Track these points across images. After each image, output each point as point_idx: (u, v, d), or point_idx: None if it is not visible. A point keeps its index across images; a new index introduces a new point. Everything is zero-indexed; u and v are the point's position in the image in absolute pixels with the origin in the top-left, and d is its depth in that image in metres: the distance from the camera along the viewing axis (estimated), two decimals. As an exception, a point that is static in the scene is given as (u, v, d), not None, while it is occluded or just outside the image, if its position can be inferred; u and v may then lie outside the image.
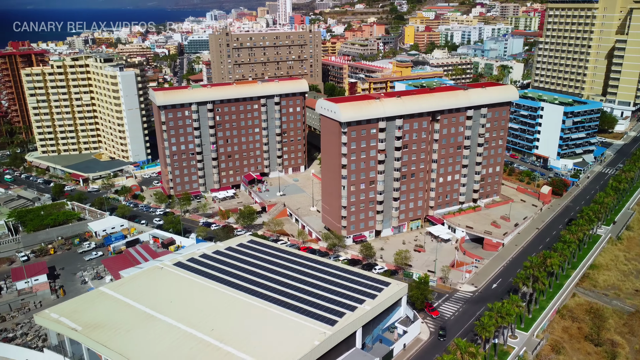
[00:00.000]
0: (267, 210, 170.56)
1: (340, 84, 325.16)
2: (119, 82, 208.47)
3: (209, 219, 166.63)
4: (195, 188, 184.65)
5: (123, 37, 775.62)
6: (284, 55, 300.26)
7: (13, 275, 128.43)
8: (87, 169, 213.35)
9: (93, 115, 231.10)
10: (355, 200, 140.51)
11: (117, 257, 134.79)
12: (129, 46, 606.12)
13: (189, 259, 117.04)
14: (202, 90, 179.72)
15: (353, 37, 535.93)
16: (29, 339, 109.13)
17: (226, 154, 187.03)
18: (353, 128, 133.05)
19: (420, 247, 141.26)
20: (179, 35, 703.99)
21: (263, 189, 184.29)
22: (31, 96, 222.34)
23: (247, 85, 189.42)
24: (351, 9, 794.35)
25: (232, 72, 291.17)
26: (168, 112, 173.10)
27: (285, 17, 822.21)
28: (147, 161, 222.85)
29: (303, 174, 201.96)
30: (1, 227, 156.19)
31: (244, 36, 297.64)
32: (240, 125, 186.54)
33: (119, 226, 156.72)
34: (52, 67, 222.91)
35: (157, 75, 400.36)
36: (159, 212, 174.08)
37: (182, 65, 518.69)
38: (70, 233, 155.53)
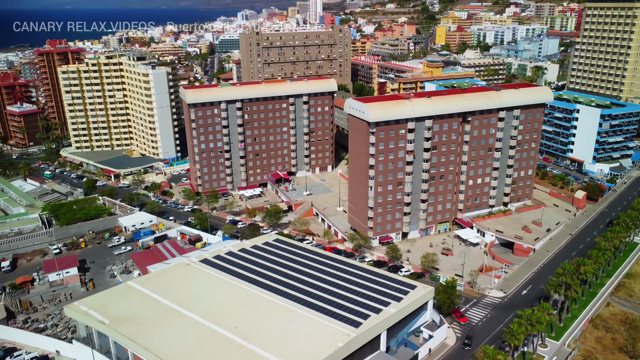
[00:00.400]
0: (294, 210, 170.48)
1: (370, 84, 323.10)
2: (151, 80, 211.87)
3: (236, 217, 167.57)
4: (222, 186, 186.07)
5: (156, 36, 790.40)
6: (313, 54, 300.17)
7: (45, 267, 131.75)
8: (118, 165, 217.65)
9: (125, 112, 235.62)
10: (382, 201, 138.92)
11: (145, 253, 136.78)
12: (161, 45, 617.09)
13: (215, 256, 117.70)
14: (231, 89, 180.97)
15: (383, 36, 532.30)
16: (59, 330, 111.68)
17: (254, 153, 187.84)
18: (381, 128, 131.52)
19: (448, 251, 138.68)
20: (211, 34, 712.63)
21: (290, 188, 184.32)
22: (67, 93, 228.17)
23: (276, 84, 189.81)
24: (382, 9, 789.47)
25: (262, 71, 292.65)
26: (198, 110, 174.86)
27: (315, 16, 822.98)
28: (177, 158, 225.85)
29: (330, 174, 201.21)
30: (35, 220, 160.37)
31: (274, 35, 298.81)
32: (269, 124, 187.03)
33: (147, 222, 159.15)
34: (87, 65, 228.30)
35: (188, 74, 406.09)
36: (187, 208, 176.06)
37: (212, 64, 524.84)
38: (101, 227, 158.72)
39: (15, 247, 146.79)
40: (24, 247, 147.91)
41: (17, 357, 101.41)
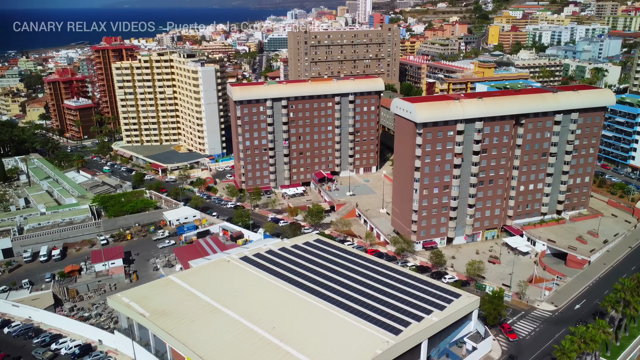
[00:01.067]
0: (336, 210, 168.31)
1: (418, 84, 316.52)
2: (200, 77, 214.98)
3: (278, 215, 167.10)
4: (266, 183, 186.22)
5: (207, 35, 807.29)
6: (361, 53, 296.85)
7: (93, 257, 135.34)
8: (166, 159, 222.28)
9: (174, 108, 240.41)
10: (428, 205, 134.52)
11: (187, 247, 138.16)
12: (212, 43, 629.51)
13: (255, 254, 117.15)
14: (277, 87, 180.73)
15: (433, 36, 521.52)
16: (102, 320, 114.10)
17: (298, 151, 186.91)
18: (429, 129, 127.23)
19: (496, 259, 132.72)
20: (260, 33, 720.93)
21: (333, 187, 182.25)
22: (119, 89, 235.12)
23: (322, 82, 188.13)
24: (433, 8, 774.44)
25: (309, 70, 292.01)
26: (244, 107, 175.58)
27: (364, 15, 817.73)
28: (222, 155, 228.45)
29: (374, 175, 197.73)
30: (86, 211, 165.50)
31: (322, 34, 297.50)
32: (314, 122, 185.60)
33: (191, 217, 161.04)
34: (139, 62, 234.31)
35: (237, 72, 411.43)
36: (230, 205, 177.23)
37: (261, 62, 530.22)
38: (146, 220, 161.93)
39: (65, 236, 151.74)
40: (74, 237, 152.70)
41: (62, 343, 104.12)
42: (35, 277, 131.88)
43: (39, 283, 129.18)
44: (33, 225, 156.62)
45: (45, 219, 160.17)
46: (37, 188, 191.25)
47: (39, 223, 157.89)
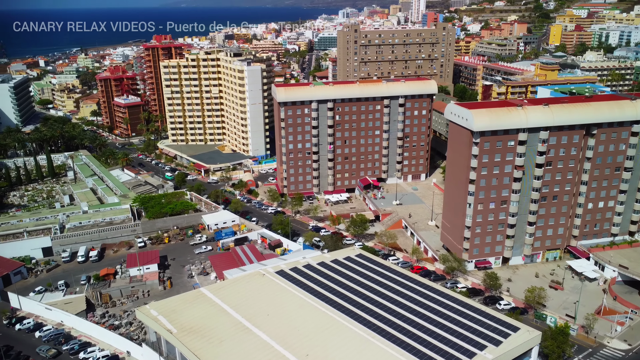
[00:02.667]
0: (381, 220, 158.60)
1: (473, 86, 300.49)
2: (245, 77, 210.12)
3: (319, 223, 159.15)
4: (308, 189, 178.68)
5: (259, 34, 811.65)
6: (413, 53, 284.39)
7: (128, 261, 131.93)
8: (209, 159, 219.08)
9: (220, 107, 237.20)
10: (482, 221, 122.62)
11: (223, 255, 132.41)
12: (262, 42, 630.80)
13: (292, 268, 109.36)
14: (323, 88, 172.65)
15: (490, 36, 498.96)
16: (132, 330, 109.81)
17: (343, 156, 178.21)
18: (487, 139, 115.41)
19: (558, 284, 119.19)
20: (310, 32, 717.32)
21: (379, 195, 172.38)
22: (166, 87, 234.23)
23: (370, 84, 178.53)
24: (490, 6, 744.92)
25: (358, 70, 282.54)
26: (288, 109, 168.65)
27: (417, 14, 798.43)
28: (266, 156, 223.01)
29: (423, 183, 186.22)
30: (126, 211, 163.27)
31: (373, 33, 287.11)
32: (360, 126, 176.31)
33: (230, 221, 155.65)
34: (187, 60, 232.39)
35: (285, 71, 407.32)
36: (270, 210, 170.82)
37: (310, 61, 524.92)
38: (185, 223, 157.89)
39: (104, 237, 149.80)
40: (112, 238, 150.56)
41: (90, 353, 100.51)
42: (72, 278, 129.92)
43: (74, 285, 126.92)
44: (74, 224, 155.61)
45: (87, 218, 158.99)
46: (82, 185, 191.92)
47: (80, 222, 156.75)
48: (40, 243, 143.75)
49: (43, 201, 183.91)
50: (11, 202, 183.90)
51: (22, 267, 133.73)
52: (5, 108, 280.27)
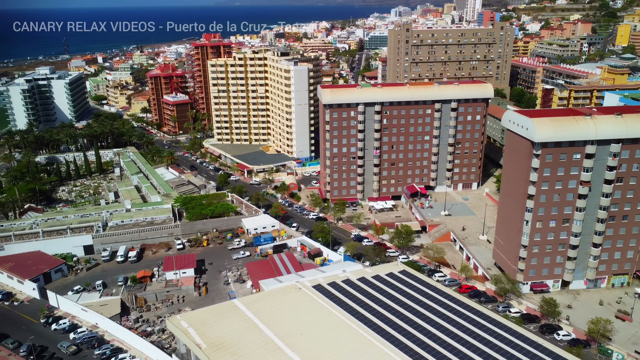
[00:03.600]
0: (427, 231, 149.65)
1: (531, 89, 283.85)
2: (292, 77, 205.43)
3: (362, 232, 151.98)
4: (352, 194, 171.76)
5: (309, 32, 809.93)
6: (467, 54, 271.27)
7: (165, 264, 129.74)
8: (253, 160, 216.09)
9: (266, 107, 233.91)
10: (541, 240, 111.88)
11: (260, 263, 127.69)
12: (312, 41, 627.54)
13: (330, 283, 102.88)
14: (371, 90, 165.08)
15: (550, 36, 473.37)
16: (164, 337, 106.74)
17: (390, 161, 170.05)
18: (549, 150, 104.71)
19: (626, 315, 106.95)
20: (361, 31, 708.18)
21: (426, 204, 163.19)
22: (213, 86, 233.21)
23: (421, 87, 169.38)
24: (550, 5, 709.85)
25: (409, 71, 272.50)
26: (333, 111, 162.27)
27: (473, 13, 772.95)
28: (310, 158, 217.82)
29: (475, 192, 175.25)
30: (168, 211, 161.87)
31: (425, 32, 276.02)
32: (409, 131, 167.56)
33: (270, 226, 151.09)
34: (234, 59, 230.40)
35: (333, 70, 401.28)
36: (312, 215, 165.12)
37: (360, 61, 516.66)
38: (224, 226, 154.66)
39: (144, 237, 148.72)
40: (152, 238, 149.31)
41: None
42: (110, 278, 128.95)
43: (111, 286, 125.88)
44: (116, 223, 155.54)
45: (129, 217, 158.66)
46: (127, 183, 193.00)
47: (122, 220, 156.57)
48: (82, 241, 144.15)
49: (89, 197, 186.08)
50: (59, 197, 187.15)
51: (62, 265, 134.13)
52: (61, 103, 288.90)
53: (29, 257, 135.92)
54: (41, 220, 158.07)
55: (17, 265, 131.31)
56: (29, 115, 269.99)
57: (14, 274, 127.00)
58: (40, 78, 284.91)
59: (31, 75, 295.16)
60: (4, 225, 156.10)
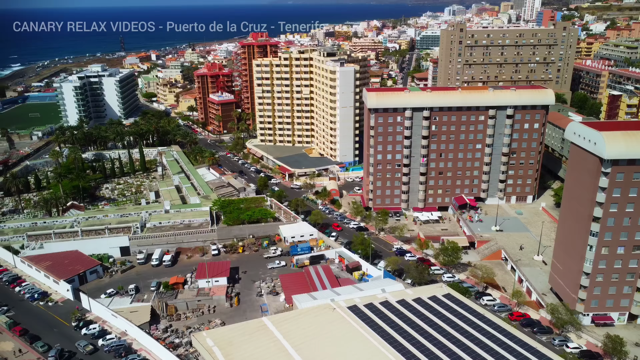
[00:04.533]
0: (476, 247, 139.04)
1: (595, 95, 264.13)
2: (337, 78, 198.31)
3: (404, 245, 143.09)
4: (396, 204, 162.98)
5: (360, 31, 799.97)
6: (525, 56, 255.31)
7: (198, 271, 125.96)
8: (295, 163, 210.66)
9: (310, 109, 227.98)
10: (606, 268, 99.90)
11: (295, 275, 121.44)
12: (362, 40, 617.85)
13: (367, 304, 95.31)
14: (419, 95, 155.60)
15: (617, 37, 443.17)
16: (192, 351, 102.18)
17: (437, 170, 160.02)
18: (621, 169, 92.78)
19: None
20: (413, 30, 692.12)
21: (475, 218, 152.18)
22: (258, 86, 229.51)
23: (474, 91, 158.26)
24: (617, 4, 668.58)
25: (461, 73, 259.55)
26: (379, 115, 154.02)
27: (531, 12, 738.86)
28: (354, 163, 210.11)
29: (530, 206, 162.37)
30: (205, 213, 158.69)
31: (480, 32, 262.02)
32: (460, 138, 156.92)
33: (308, 235, 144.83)
34: (279, 59, 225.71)
35: (382, 71, 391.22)
36: (352, 224, 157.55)
37: (410, 61, 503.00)
38: (261, 233, 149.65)
39: (180, 240, 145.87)
40: (188, 242, 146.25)
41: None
42: (143, 283, 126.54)
43: (143, 291, 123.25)
44: (154, 224, 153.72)
45: (167, 218, 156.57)
46: (169, 182, 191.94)
47: (160, 222, 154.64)
48: (119, 242, 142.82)
49: (131, 196, 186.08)
50: (102, 195, 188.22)
51: (98, 266, 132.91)
52: (111, 101, 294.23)
53: (67, 257, 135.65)
54: (82, 219, 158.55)
55: (54, 265, 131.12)
56: (80, 111, 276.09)
57: (51, 274, 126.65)
58: (92, 75, 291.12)
59: (84, 72, 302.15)
60: (47, 222, 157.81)
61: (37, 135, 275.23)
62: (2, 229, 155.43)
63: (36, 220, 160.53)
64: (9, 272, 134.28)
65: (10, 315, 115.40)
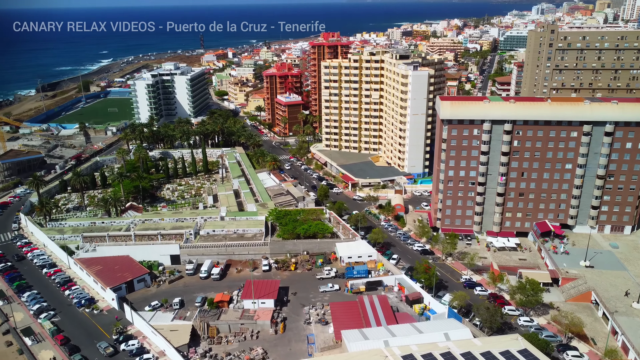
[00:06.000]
0: (560, 285, 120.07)
1: None
2: (409, 83, 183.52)
3: (475, 275, 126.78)
4: (467, 225, 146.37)
5: (439, 30, 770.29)
6: (627, 61, 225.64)
7: (244, 290, 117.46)
8: (359, 172, 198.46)
9: (378, 114, 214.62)
10: None
11: (347, 305, 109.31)
12: (441, 40, 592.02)
13: (426, 355, 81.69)
14: (501, 106, 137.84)
15: None
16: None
17: (517, 191, 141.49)
18: None
19: None
20: (496, 29, 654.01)
21: (560, 249, 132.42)
22: (325, 89, 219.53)
23: (567, 104, 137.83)
24: None
25: (550, 79, 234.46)
26: (453, 127, 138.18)
27: (632, 11, 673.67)
28: (423, 174, 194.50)
29: (628, 239, 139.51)
30: (260, 223, 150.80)
31: (575, 34, 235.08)
32: (546, 156, 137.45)
33: (366, 256, 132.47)
34: (349, 61, 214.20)
35: (460, 74, 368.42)
36: (416, 247, 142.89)
37: (491, 63, 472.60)
38: (316, 249, 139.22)
39: (231, 252, 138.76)
40: (239, 254, 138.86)
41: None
42: (189, 296, 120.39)
43: (187, 306, 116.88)
44: (208, 232, 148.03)
45: (221, 226, 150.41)
46: (228, 187, 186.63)
47: (214, 230, 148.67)
48: (170, 250, 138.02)
49: (190, 198, 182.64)
50: (163, 196, 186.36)
51: (146, 275, 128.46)
52: (182, 99, 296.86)
53: (117, 262, 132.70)
54: (139, 221, 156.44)
55: (104, 270, 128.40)
56: (152, 109, 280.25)
57: (99, 279, 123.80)
58: (164, 73, 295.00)
59: (157, 70, 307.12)
60: (105, 223, 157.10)
61: (112, 131, 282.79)
62: (62, 227, 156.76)
63: (95, 219, 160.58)
64: (62, 274, 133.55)
65: (56, 321, 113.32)
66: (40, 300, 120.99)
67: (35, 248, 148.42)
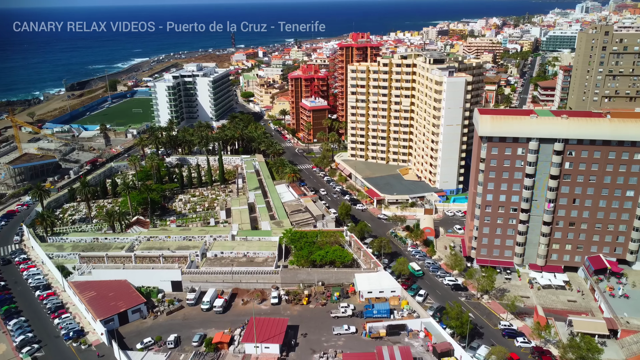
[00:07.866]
0: (619, 338, 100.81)
1: None
2: (444, 90, 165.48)
3: (516, 320, 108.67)
4: (506, 257, 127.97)
5: (477, 30, 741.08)
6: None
7: (247, 330, 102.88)
8: (386, 186, 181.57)
9: (409, 123, 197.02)
10: None
11: (362, 357, 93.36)
12: (479, 40, 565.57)
13: None
14: (551, 122, 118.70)
15: None
16: None
17: (567, 220, 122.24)
18: None
19: None
20: (538, 29, 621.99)
21: (619, 291, 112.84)
22: (352, 94, 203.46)
23: (631, 121, 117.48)
24: None
25: (601, 85, 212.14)
26: (493, 145, 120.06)
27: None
28: (457, 191, 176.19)
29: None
30: (273, 246, 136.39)
31: (633, 37, 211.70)
32: (603, 181, 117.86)
33: (389, 291, 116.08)
34: (378, 65, 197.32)
35: (499, 77, 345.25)
36: (447, 280, 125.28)
37: (533, 65, 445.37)
38: (333, 280, 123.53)
39: (238, 280, 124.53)
40: (246, 283, 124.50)
41: None
42: (186, 332, 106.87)
43: (183, 344, 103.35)
44: (215, 253, 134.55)
45: (230, 248, 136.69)
46: (242, 200, 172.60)
47: (222, 251, 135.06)
48: (171, 275, 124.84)
49: (202, 212, 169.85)
50: (174, 208, 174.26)
51: (142, 305, 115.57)
52: (204, 101, 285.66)
53: (113, 288, 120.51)
54: (143, 238, 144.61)
55: (97, 297, 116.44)
56: (172, 112, 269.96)
57: (91, 308, 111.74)
58: (186, 75, 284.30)
59: (179, 72, 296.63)
60: (108, 239, 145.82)
61: (132, 133, 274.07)
62: (62, 242, 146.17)
63: (98, 235, 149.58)
64: (55, 298, 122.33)
65: (39, 356, 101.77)
66: (27, 329, 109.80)
67: (33, 266, 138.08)
